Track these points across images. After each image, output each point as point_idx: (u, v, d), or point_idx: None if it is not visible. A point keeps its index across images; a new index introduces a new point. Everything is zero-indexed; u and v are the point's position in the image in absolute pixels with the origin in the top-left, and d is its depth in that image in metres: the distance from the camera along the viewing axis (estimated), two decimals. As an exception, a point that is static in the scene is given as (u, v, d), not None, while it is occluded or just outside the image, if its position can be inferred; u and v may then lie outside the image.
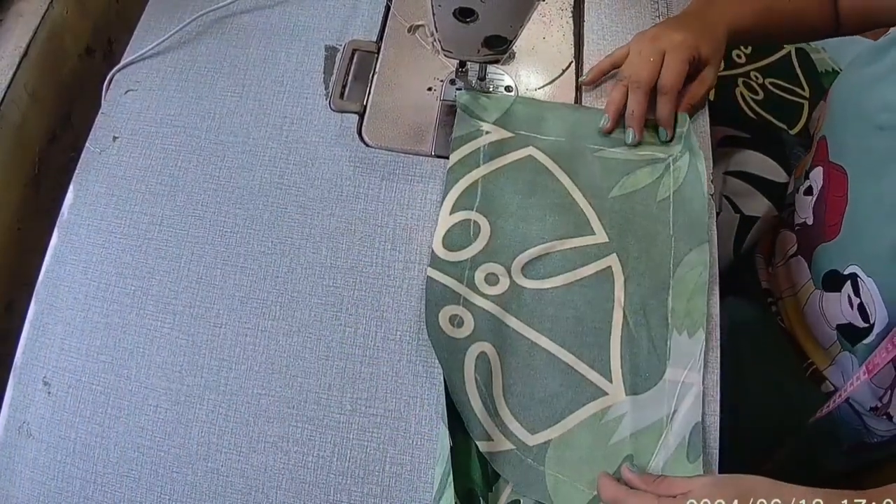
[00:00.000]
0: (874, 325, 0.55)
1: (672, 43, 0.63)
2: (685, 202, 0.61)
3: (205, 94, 0.68)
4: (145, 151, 0.65)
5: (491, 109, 0.65)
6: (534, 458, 0.53)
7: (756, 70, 0.88)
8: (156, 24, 0.72)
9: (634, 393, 0.55)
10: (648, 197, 0.62)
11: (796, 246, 0.67)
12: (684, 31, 0.63)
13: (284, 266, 0.60)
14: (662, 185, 0.62)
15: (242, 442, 0.55)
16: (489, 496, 0.52)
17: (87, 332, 0.58)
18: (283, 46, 0.71)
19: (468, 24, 0.56)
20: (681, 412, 0.54)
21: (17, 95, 0.69)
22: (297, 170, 0.64)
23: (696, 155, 0.62)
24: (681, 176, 0.62)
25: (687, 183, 0.62)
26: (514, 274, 0.59)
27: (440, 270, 0.58)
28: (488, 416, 0.54)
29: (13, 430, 0.56)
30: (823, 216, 0.62)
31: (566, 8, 0.76)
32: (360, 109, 0.67)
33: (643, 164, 0.63)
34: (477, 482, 0.52)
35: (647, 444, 0.54)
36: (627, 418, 0.54)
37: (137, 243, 0.61)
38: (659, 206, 0.61)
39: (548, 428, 0.54)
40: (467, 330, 0.56)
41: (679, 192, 0.61)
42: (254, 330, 0.58)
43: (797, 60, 0.90)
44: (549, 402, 0.55)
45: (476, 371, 0.55)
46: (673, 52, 0.62)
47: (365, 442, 0.54)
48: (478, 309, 0.57)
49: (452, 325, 0.56)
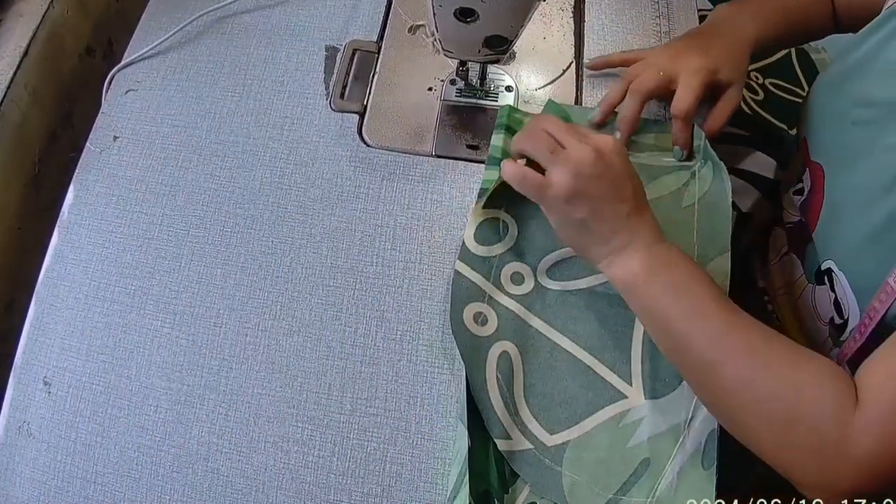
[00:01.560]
0: (848, 321, 0.55)
1: (689, 67, 0.61)
2: (709, 210, 0.61)
3: (205, 93, 0.68)
4: (146, 151, 0.65)
5: (525, 120, 0.65)
6: (551, 459, 0.53)
7: (756, 70, 0.88)
8: (156, 23, 0.72)
9: (653, 397, 0.55)
10: (674, 202, 0.62)
11: (787, 244, 0.68)
12: (704, 56, 0.62)
13: (285, 266, 0.60)
14: (688, 191, 0.62)
15: (242, 442, 0.55)
16: (505, 498, 0.53)
17: (87, 332, 0.58)
18: (284, 46, 0.71)
19: (469, 24, 0.56)
20: (697, 418, 0.54)
21: (17, 95, 0.69)
22: (298, 170, 0.64)
23: (718, 165, 0.62)
24: (706, 184, 0.62)
25: (711, 192, 0.61)
26: (540, 275, 0.59)
27: (468, 265, 0.58)
28: (508, 415, 0.54)
29: (13, 430, 0.56)
30: (807, 214, 0.62)
31: (566, 8, 0.76)
32: (360, 109, 0.67)
33: (670, 170, 0.63)
34: (493, 484, 0.52)
35: (664, 449, 0.54)
36: (645, 422, 0.54)
37: (137, 243, 0.61)
38: (684, 213, 0.61)
39: (566, 429, 0.54)
40: (491, 328, 0.57)
41: (703, 200, 0.61)
42: (254, 330, 0.58)
43: (797, 61, 0.90)
44: (569, 404, 0.55)
45: (498, 370, 0.55)
46: (688, 76, 0.61)
47: (365, 442, 0.54)
48: (502, 308, 0.57)
49: (476, 322, 0.57)
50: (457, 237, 0.61)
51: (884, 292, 0.49)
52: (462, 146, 0.66)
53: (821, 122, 0.62)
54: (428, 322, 0.58)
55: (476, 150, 0.66)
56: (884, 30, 0.56)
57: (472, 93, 0.68)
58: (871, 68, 0.56)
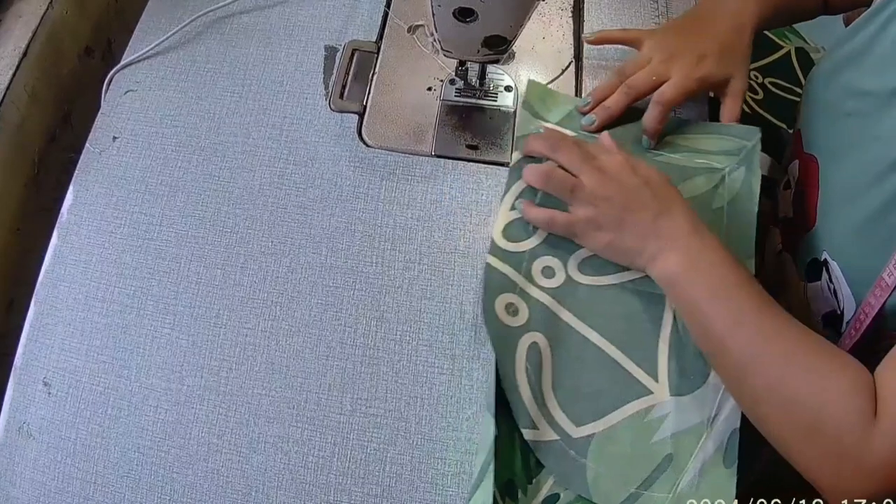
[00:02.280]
0: (844, 312, 0.55)
1: (684, 67, 0.62)
2: (737, 215, 0.61)
3: (205, 94, 0.68)
4: (145, 151, 0.65)
5: (555, 110, 0.66)
6: (577, 451, 0.54)
7: (756, 70, 0.87)
8: (155, 24, 0.72)
9: (679, 394, 0.55)
10: (704, 204, 0.62)
11: (781, 241, 0.68)
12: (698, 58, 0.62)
13: (284, 266, 0.60)
14: (718, 194, 0.62)
15: (242, 442, 0.55)
16: (528, 489, 0.53)
17: (87, 332, 0.58)
18: (283, 46, 0.71)
19: (468, 24, 0.56)
20: (721, 416, 0.54)
21: (16, 96, 0.69)
22: (297, 170, 0.64)
23: (753, 172, 0.62)
24: (735, 188, 0.62)
25: (740, 197, 0.62)
26: (571, 269, 0.59)
27: (499, 258, 0.59)
28: (536, 405, 0.54)
29: (13, 430, 0.56)
30: (802, 207, 0.62)
31: (566, 8, 0.76)
32: (359, 109, 0.67)
33: (701, 171, 0.63)
34: (518, 473, 0.53)
35: (688, 446, 0.54)
36: (670, 418, 0.55)
37: (137, 243, 0.61)
38: (714, 214, 0.61)
39: (592, 422, 0.55)
40: (521, 319, 0.57)
41: (732, 204, 0.62)
42: (254, 330, 0.58)
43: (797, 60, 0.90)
44: (596, 397, 0.55)
45: (527, 360, 0.55)
46: (681, 78, 0.61)
47: (365, 442, 0.54)
48: (533, 300, 0.58)
49: (507, 312, 0.57)
50: (457, 237, 0.61)
51: (878, 287, 0.50)
52: (461, 146, 0.66)
53: (815, 113, 0.62)
54: (428, 322, 0.58)
55: (476, 149, 0.66)
56: (876, 21, 0.56)
57: (471, 93, 0.68)
58: (864, 59, 0.57)
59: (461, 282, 0.59)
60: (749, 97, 0.86)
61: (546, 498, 0.53)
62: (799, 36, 0.92)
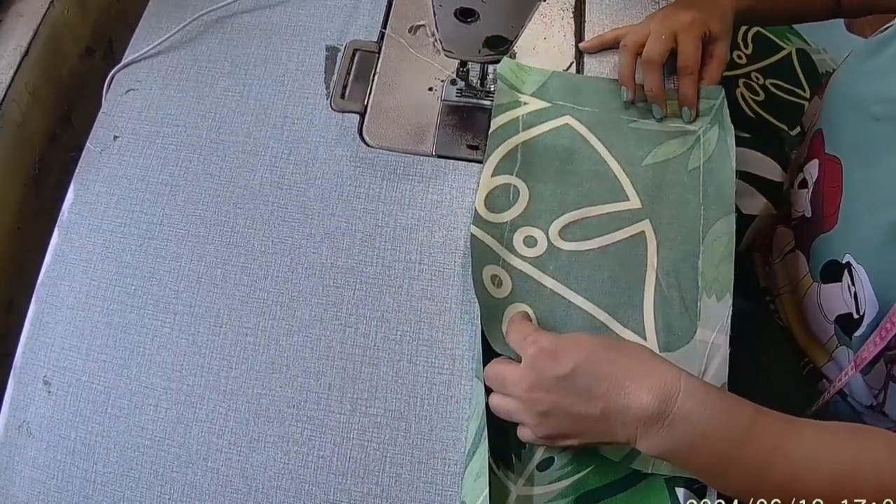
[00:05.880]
0: (864, 315, 0.55)
1: (683, 23, 0.65)
2: (714, 173, 0.63)
3: (205, 93, 0.68)
4: (146, 151, 0.65)
5: (528, 82, 0.68)
6: None
7: (757, 71, 0.87)
8: (156, 23, 0.72)
9: (667, 350, 0.56)
10: (680, 166, 0.64)
11: (793, 241, 0.68)
12: (693, 11, 0.66)
13: (285, 266, 0.60)
14: (693, 155, 0.64)
15: (242, 442, 0.55)
16: (522, 453, 0.54)
17: (87, 332, 0.58)
18: (284, 46, 0.71)
19: (469, 25, 0.56)
20: (709, 372, 0.55)
21: (17, 95, 0.69)
22: (298, 170, 0.64)
23: (726, 129, 0.64)
24: (710, 148, 0.64)
25: (716, 155, 0.64)
26: (552, 236, 0.61)
27: (482, 229, 0.60)
28: None
29: (13, 430, 0.56)
30: (821, 208, 0.62)
31: (567, 8, 0.76)
32: (360, 109, 0.67)
33: (675, 135, 0.66)
34: (511, 441, 0.54)
35: None
36: None
37: (138, 243, 0.61)
38: (689, 175, 0.64)
39: None
40: (506, 290, 0.58)
41: (708, 163, 0.64)
42: (254, 330, 0.58)
43: (798, 61, 0.89)
44: None
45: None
46: (685, 32, 0.64)
47: (365, 442, 0.54)
48: (515, 270, 0.59)
49: (493, 284, 0.58)
50: (458, 237, 0.61)
51: None
52: (462, 146, 0.66)
53: (839, 115, 0.62)
54: (428, 322, 0.58)
55: (476, 150, 0.66)
56: None
57: (472, 93, 0.68)
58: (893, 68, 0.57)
59: (461, 282, 0.59)
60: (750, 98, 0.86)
61: (540, 462, 0.54)
62: (800, 37, 0.92)
